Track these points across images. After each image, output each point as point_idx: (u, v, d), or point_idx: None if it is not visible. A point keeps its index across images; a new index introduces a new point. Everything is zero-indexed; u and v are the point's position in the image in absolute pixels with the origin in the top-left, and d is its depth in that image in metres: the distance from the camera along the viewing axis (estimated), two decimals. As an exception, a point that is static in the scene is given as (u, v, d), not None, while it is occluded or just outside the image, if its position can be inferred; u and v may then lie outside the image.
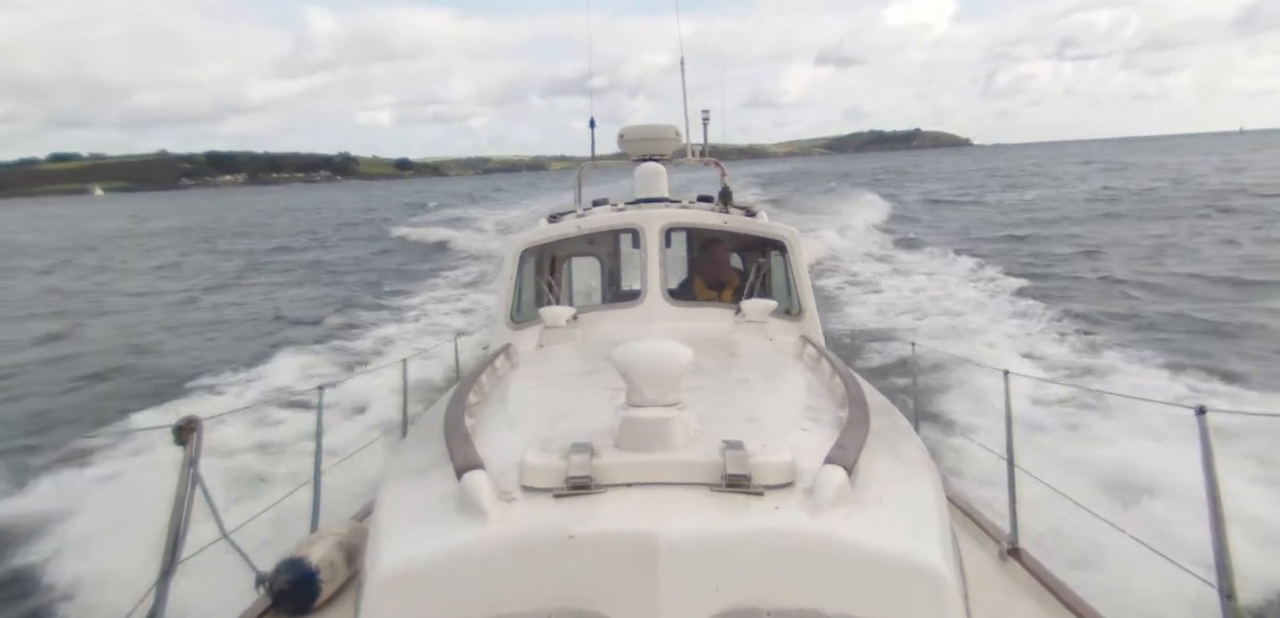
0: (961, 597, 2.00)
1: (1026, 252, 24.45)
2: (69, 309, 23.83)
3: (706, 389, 2.92)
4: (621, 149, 6.80)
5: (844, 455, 2.15)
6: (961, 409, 9.15)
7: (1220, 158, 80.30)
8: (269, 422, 9.44)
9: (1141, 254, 23.06)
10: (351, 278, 27.20)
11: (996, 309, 15.92)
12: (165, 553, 3.08)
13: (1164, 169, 66.48)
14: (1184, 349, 12.25)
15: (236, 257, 38.22)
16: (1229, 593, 2.94)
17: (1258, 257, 21.44)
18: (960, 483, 7.24)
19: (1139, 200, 40.08)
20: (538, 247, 5.57)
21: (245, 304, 23.31)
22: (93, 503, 7.83)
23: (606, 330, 4.50)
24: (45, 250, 48.44)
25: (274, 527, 4.77)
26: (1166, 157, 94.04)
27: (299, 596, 3.34)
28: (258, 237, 51.03)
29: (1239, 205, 34.24)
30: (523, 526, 1.97)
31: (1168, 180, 52.76)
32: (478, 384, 3.39)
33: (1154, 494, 6.78)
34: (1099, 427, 8.34)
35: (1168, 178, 55.05)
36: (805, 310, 4.95)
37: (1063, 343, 12.93)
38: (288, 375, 13.38)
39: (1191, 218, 31.01)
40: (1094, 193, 46.51)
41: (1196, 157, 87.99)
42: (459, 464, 2.18)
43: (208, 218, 79.80)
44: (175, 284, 29.09)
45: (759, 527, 1.93)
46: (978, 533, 4.14)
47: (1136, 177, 58.36)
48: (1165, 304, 16.18)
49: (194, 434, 3.17)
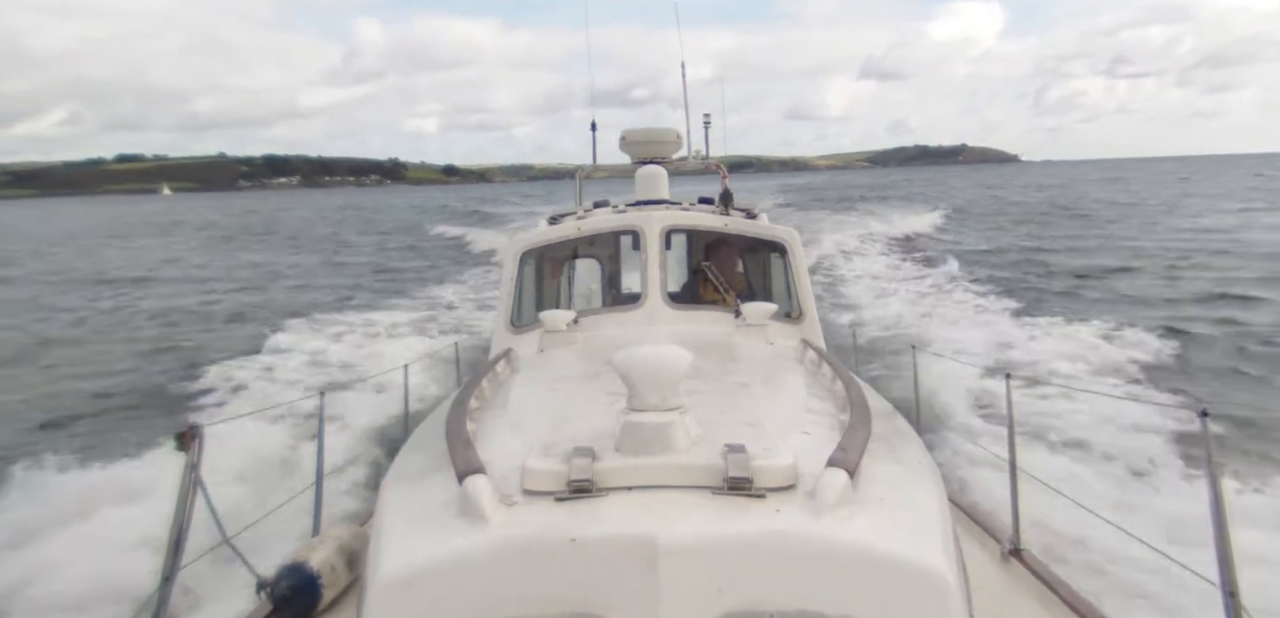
0: (964, 599, 2.00)
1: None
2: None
3: (707, 393, 2.92)
4: (622, 151, 6.81)
5: (846, 458, 2.15)
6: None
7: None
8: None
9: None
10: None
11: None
12: (166, 558, 3.09)
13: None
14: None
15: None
16: (1232, 592, 2.94)
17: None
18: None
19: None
20: (538, 249, 5.57)
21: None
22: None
23: (607, 334, 4.50)
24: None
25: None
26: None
27: (300, 600, 3.34)
28: (371, 231, 56.95)
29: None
30: (524, 529, 1.97)
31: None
32: (479, 388, 3.39)
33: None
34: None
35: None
36: (806, 313, 4.95)
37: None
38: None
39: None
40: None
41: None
42: (460, 468, 2.18)
43: (311, 213, 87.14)
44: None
45: (761, 530, 1.93)
46: (980, 534, 4.13)
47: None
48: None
49: (195, 441, 3.18)
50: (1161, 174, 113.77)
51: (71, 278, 32.85)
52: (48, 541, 7.21)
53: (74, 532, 7.29)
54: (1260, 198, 49.02)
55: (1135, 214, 43.30)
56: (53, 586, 6.51)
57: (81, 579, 6.38)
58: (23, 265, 39.00)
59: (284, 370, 13.78)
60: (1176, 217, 40.62)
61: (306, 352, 15.02)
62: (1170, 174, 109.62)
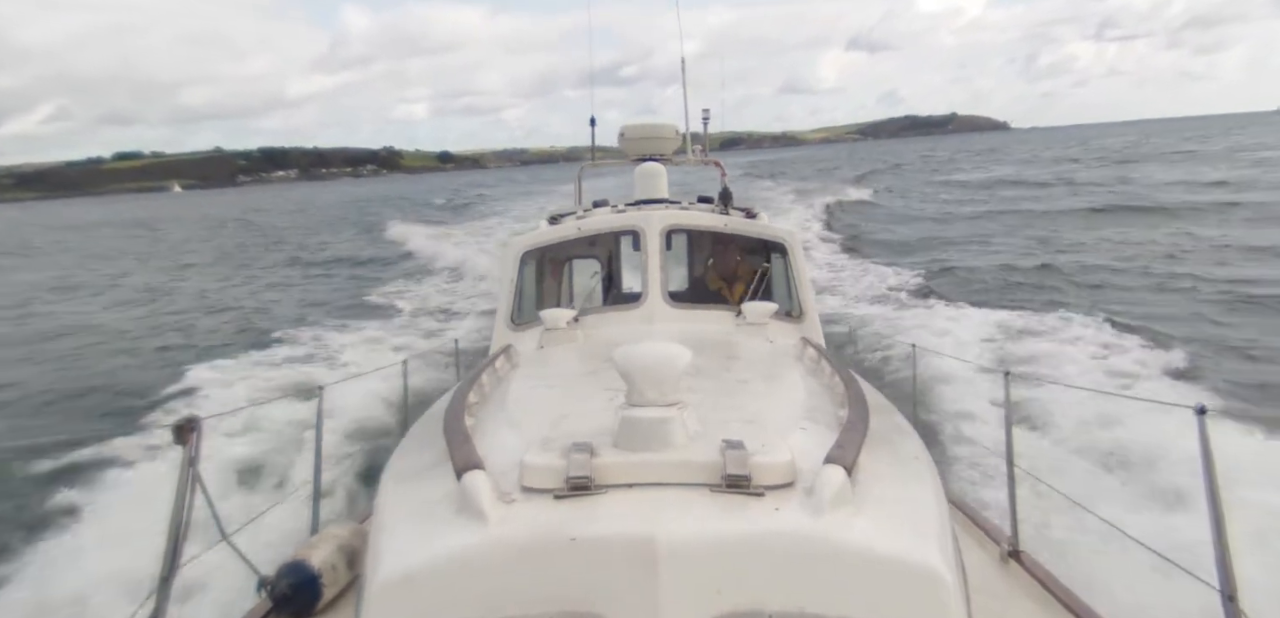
0: (962, 598, 2.00)
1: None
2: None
3: (706, 390, 2.92)
4: (621, 148, 6.82)
5: (844, 455, 2.15)
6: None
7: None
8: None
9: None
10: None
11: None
12: (165, 557, 3.07)
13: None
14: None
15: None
16: (1231, 594, 2.93)
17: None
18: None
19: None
20: (538, 249, 5.57)
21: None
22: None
23: (607, 332, 4.50)
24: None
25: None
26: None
27: (300, 599, 3.34)
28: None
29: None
30: (523, 528, 1.97)
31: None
32: (478, 385, 3.38)
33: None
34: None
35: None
36: (805, 312, 4.95)
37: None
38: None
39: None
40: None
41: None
42: (459, 465, 2.18)
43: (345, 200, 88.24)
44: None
45: (759, 529, 1.93)
46: (978, 535, 4.13)
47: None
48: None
49: (194, 434, 3.16)
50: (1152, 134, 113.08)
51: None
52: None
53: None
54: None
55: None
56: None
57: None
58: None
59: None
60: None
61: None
62: (1175, 135, 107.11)
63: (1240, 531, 3.16)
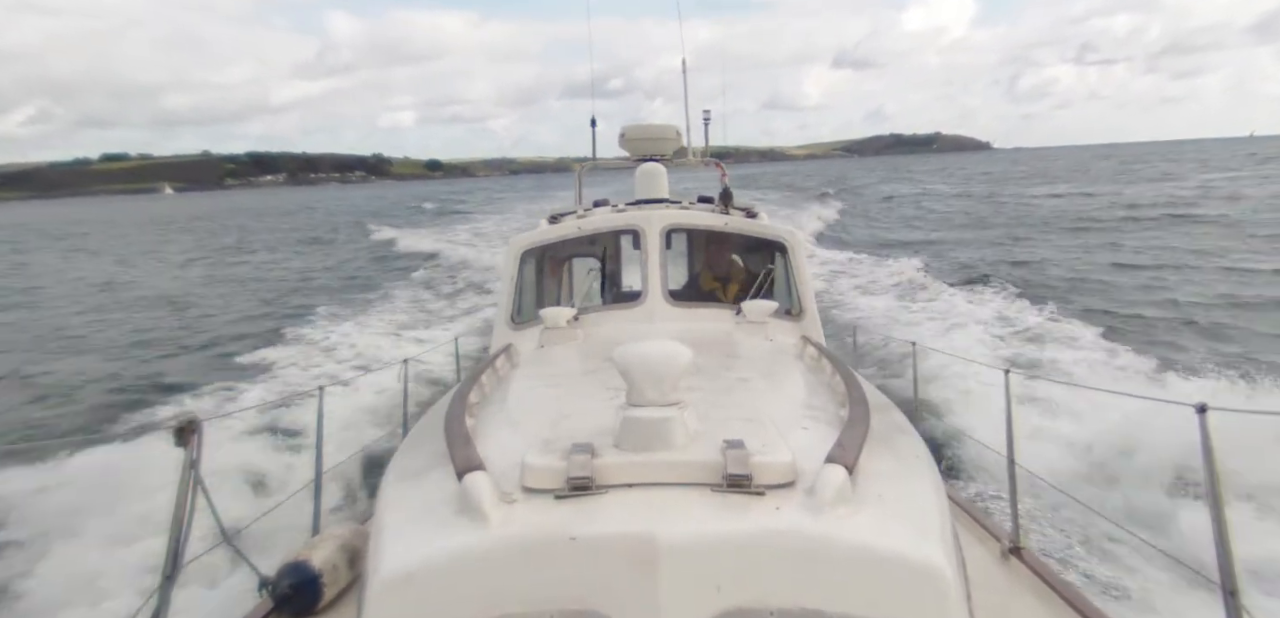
0: (963, 596, 2.00)
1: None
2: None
3: (707, 389, 2.91)
4: (622, 149, 6.82)
5: (844, 454, 2.14)
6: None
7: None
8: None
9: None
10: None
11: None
12: (167, 557, 3.08)
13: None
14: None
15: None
16: (1232, 590, 2.94)
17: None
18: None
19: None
20: (538, 248, 5.57)
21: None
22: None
23: (607, 331, 4.50)
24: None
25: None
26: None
27: (301, 599, 3.34)
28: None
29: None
30: (523, 527, 1.97)
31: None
32: (478, 385, 3.38)
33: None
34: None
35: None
36: (806, 311, 4.95)
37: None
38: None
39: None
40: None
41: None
42: (459, 465, 2.18)
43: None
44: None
45: (760, 527, 1.93)
46: (979, 532, 4.14)
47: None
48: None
49: (194, 435, 3.16)
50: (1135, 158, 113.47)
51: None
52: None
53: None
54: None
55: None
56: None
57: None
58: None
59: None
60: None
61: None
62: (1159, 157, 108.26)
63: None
